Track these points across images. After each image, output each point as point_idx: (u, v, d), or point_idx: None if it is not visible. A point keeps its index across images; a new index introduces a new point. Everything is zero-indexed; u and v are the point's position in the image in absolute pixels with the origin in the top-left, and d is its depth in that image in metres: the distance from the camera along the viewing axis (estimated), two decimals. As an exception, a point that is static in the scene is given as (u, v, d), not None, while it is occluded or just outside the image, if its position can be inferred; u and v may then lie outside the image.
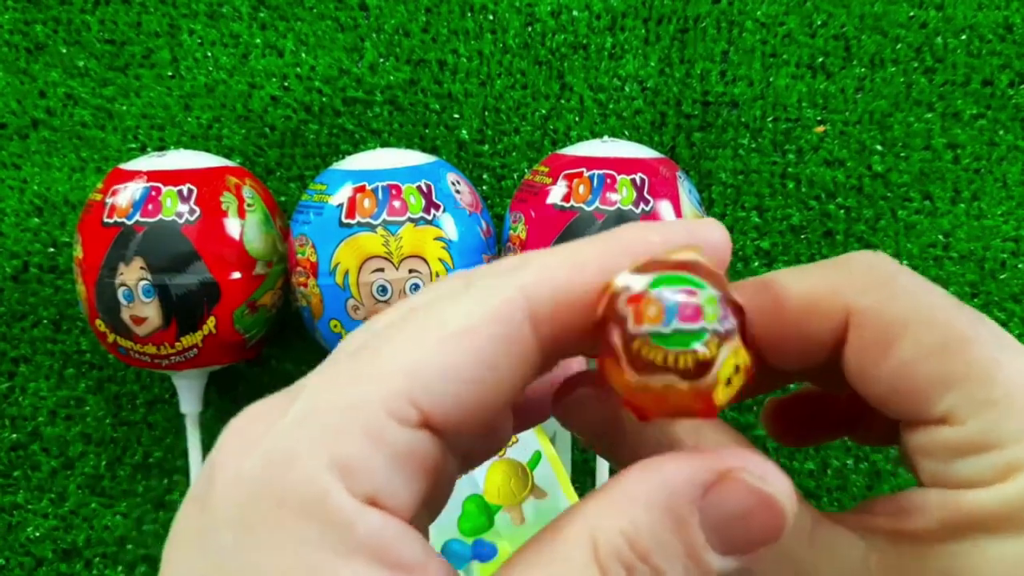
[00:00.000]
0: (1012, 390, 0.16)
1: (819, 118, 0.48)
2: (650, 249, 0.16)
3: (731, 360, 0.14)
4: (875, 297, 0.18)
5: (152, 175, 0.41)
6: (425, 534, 0.17)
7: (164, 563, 0.15)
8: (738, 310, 0.14)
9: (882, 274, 0.19)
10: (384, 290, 0.39)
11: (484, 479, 0.41)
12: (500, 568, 0.15)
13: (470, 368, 0.15)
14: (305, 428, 0.14)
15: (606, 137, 0.45)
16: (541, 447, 0.42)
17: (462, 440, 0.16)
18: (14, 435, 0.48)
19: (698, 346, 0.14)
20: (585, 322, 0.16)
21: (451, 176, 0.42)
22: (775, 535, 0.15)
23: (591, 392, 0.18)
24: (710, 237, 0.17)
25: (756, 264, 0.48)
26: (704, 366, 0.14)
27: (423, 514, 0.16)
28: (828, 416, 0.23)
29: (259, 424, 0.15)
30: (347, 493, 0.14)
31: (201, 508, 0.15)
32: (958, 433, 0.17)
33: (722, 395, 0.14)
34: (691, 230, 0.17)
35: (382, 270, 0.39)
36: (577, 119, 0.49)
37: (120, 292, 0.40)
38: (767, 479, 0.15)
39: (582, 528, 0.15)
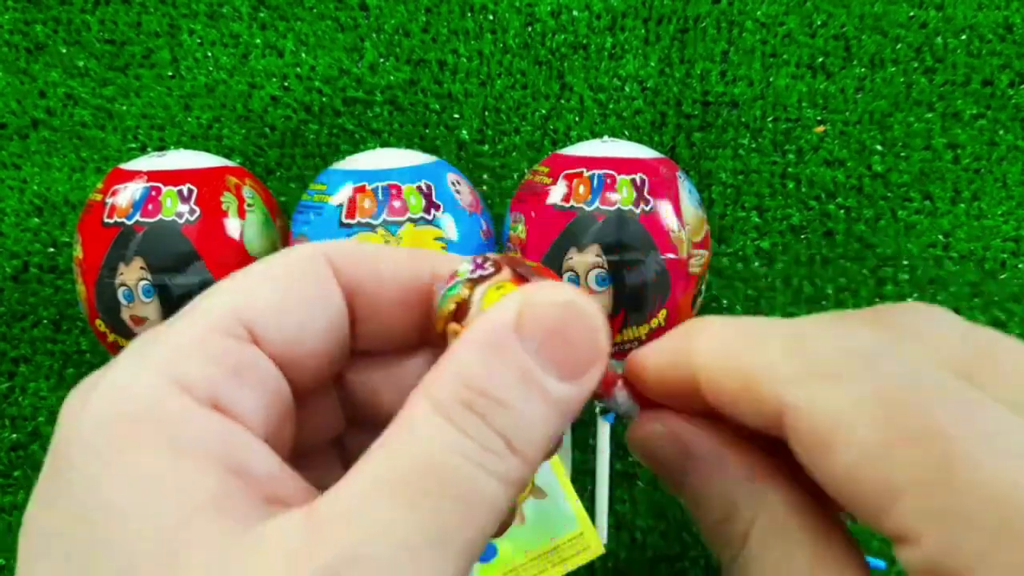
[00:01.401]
0: (980, 496, 0.13)
1: (819, 118, 0.48)
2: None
3: (493, 294, 0.17)
4: (810, 389, 0.15)
5: (152, 175, 0.41)
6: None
7: (25, 529, 0.15)
8: (495, 264, 0.18)
9: (817, 352, 0.15)
10: (384, 290, 0.39)
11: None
12: (359, 459, 0.15)
13: (284, 294, 0.17)
14: (140, 358, 0.15)
15: (606, 137, 0.45)
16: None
17: (300, 375, 0.17)
18: (14, 435, 0.48)
19: (453, 293, 0.18)
20: (387, 287, 0.18)
21: (451, 176, 0.42)
22: (596, 348, 0.16)
23: (661, 430, 0.19)
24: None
25: (756, 264, 0.48)
26: (463, 305, 0.17)
27: (279, 445, 0.17)
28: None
29: (96, 375, 0.16)
30: (184, 397, 0.15)
31: (52, 457, 0.15)
32: (915, 554, 0.13)
33: None
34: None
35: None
36: (577, 119, 0.49)
37: (120, 292, 0.40)
38: (567, 292, 0.16)
39: (419, 395, 0.15)
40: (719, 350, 0.16)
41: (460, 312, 0.17)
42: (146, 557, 0.13)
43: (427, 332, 0.19)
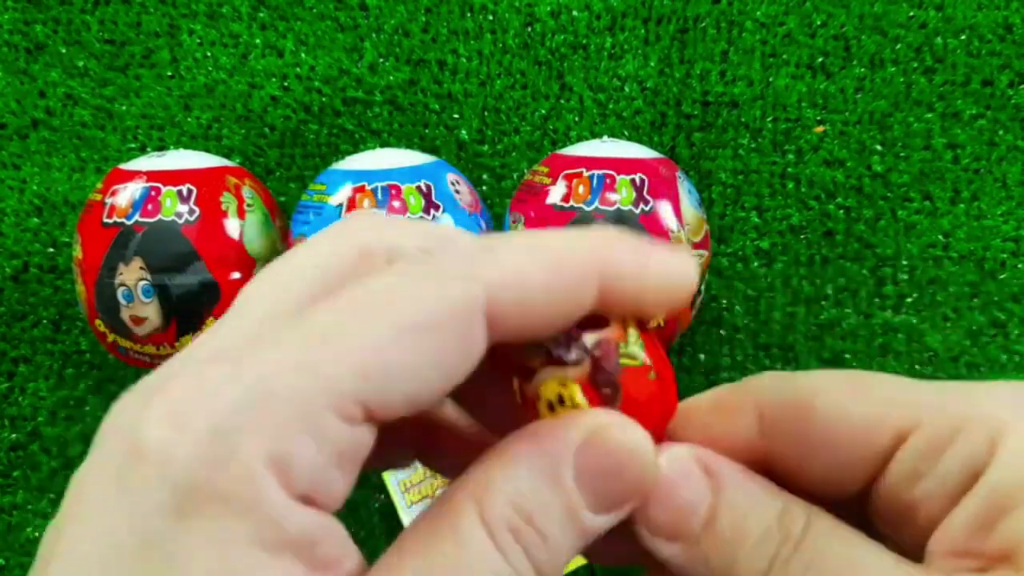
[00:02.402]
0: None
1: (819, 118, 0.48)
2: (620, 267, 0.16)
3: (552, 384, 0.17)
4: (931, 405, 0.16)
5: (152, 175, 0.41)
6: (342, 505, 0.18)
7: (65, 536, 0.14)
8: (584, 351, 0.17)
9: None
10: (384, 290, 0.39)
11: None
12: (394, 543, 0.15)
13: (423, 368, 0.15)
14: (246, 418, 0.14)
15: (606, 137, 0.45)
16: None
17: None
18: (14, 435, 0.48)
19: (530, 354, 0.17)
20: (544, 326, 0.16)
21: (451, 176, 0.42)
22: (642, 490, 0.16)
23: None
24: (672, 277, 0.17)
25: (756, 264, 0.48)
26: (530, 371, 0.17)
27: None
28: None
29: (190, 396, 0.14)
30: (283, 492, 0.14)
31: (121, 482, 0.14)
32: (915, 445, 0.15)
33: (543, 410, 0.17)
34: (660, 262, 0.17)
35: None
36: (577, 119, 0.49)
37: (120, 292, 0.40)
38: (629, 433, 0.16)
39: (468, 499, 0.15)
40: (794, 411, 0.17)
41: (525, 374, 0.17)
42: None
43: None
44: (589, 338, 0.17)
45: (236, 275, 0.41)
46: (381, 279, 0.15)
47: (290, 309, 0.16)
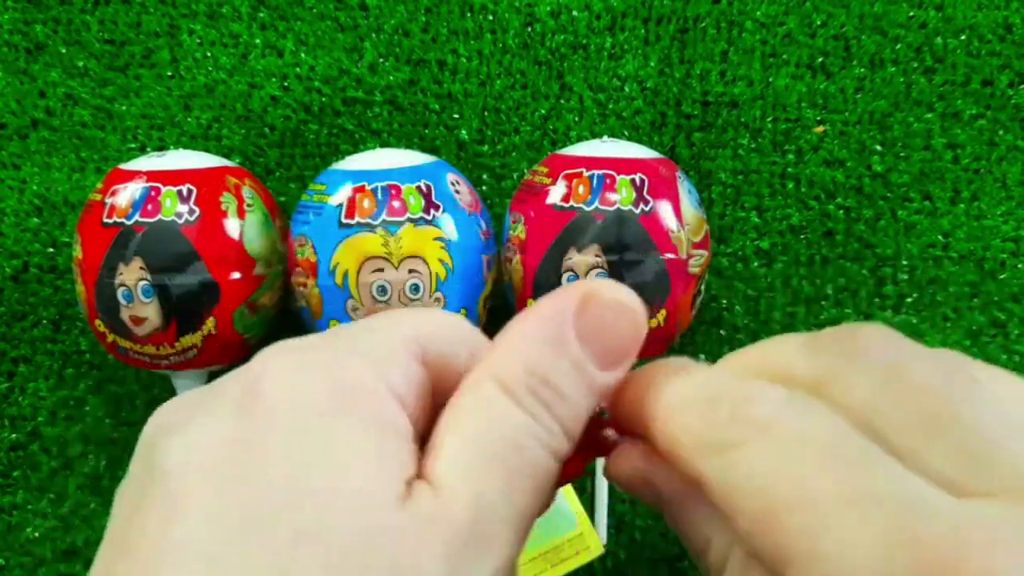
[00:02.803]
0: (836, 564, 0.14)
1: (819, 118, 0.48)
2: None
3: None
4: (713, 461, 0.17)
5: (152, 175, 0.41)
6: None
7: (193, 468, 0.16)
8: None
9: (719, 419, 0.17)
10: (383, 290, 0.39)
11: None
12: (440, 428, 0.17)
13: (446, 333, 0.19)
14: (347, 348, 0.18)
15: (606, 137, 0.45)
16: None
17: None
18: (14, 435, 0.48)
19: None
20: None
21: (451, 176, 0.42)
22: (636, 344, 0.18)
23: (631, 471, 0.21)
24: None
25: (756, 264, 0.48)
26: None
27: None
28: None
29: (302, 345, 0.18)
30: (389, 390, 0.17)
31: (251, 417, 0.16)
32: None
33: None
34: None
35: (381, 270, 0.39)
36: (577, 119, 0.49)
37: (120, 292, 0.40)
38: (618, 291, 0.18)
39: (485, 375, 0.17)
40: (663, 413, 0.18)
41: None
42: (350, 505, 0.15)
43: None
44: None
45: (236, 275, 0.41)
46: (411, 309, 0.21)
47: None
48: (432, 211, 0.40)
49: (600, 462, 0.46)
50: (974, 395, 0.15)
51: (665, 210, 0.40)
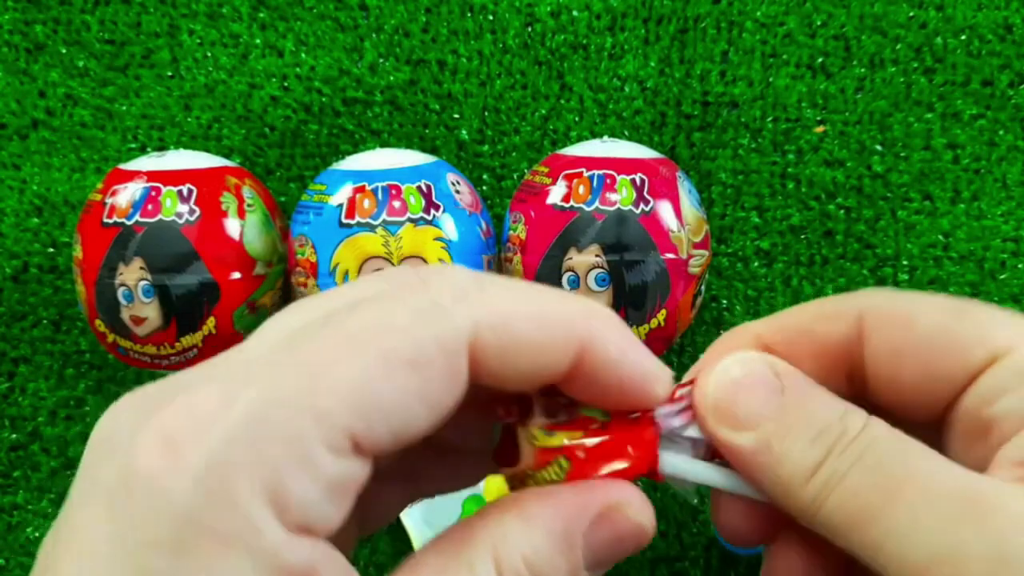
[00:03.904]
0: None
1: (819, 118, 0.48)
2: (604, 344, 0.17)
3: (534, 432, 0.18)
4: (887, 297, 0.18)
5: (152, 175, 0.41)
6: (351, 545, 0.20)
7: (59, 565, 0.14)
8: (567, 421, 0.18)
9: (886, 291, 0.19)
10: (384, 290, 0.39)
11: (484, 480, 0.41)
12: (405, 565, 0.16)
13: (411, 402, 0.15)
14: (241, 451, 0.14)
15: (606, 137, 0.45)
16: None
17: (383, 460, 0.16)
18: (14, 435, 0.48)
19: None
20: (522, 378, 0.16)
21: (451, 176, 0.42)
22: (631, 553, 0.18)
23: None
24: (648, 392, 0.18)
25: (756, 264, 0.48)
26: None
27: (352, 527, 0.18)
28: None
29: (183, 424, 0.14)
30: (281, 527, 0.14)
31: (114, 517, 0.14)
32: (1005, 365, 0.16)
33: (530, 461, 0.18)
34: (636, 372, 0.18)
35: (382, 270, 0.39)
36: (577, 119, 0.49)
37: (120, 292, 0.40)
38: (642, 512, 0.17)
39: (486, 545, 0.16)
40: (778, 315, 0.19)
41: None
42: None
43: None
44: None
45: (236, 275, 0.41)
46: (372, 309, 0.15)
47: (290, 338, 0.16)
48: (432, 211, 0.40)
49: None
50: None
51: (665, 210, 0.40)
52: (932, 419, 0.19)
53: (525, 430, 0.18)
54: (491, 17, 0.49)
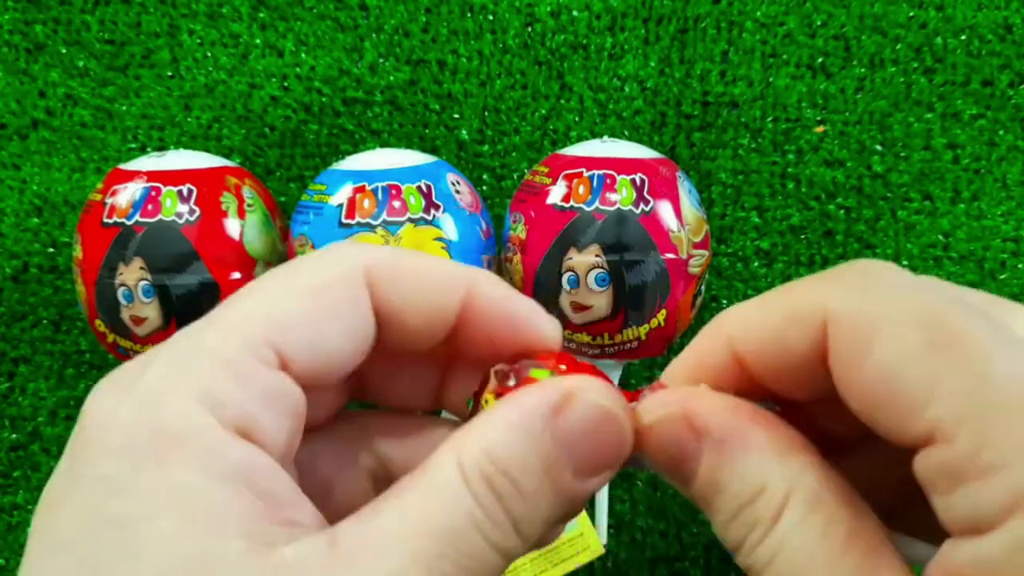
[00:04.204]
0: (1010, 392, 0.13)
1: (819, 118, 0.48)
2: (485, 289, 0.19)
3: (486, 397, 0.19)
4: (854, 299, 0.16)
5: (152, 175, 0.41)
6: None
7: (39, 526, 0.15)
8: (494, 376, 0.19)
9: (868, 276, 0.16)
10: (384, 290, 0.39)
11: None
12: (379, 497, 0.16)
13: (319, 318, 0.17)
14: (173, 370, 0.15)
15: (606, 137, 0.45)
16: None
17: (318, 388, 0.18)
18: (14, 435, 0.48)
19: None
20: (417, 310, 0.18)
21: (451, 176, 0.42)
22: (618, 455, 0.17)
23: (672, 413, 0.19)
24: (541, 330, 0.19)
25: (756, 264, 0.48)
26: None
27: (290, 458, 0.18)
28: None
29: (126, 376, 0.16)
30: (217, 423, 0.15)
31: (74, 459, 0.15)
32: (947, 454, 0.13)
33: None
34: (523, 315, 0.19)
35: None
36: (577, 119, 0.49)
37: (120, 292, 0.40)
38: (607, 397, 0.17)
39: (448, 452, 0.16)
40: (753, 309, 0.18)
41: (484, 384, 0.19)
42: (176, 571, 0.14)
43: (452, 340, 0.20)
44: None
45: (236, 275, 0.41)
46: (282, 265, 0.18)
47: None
48: (432, 211, 0.40)
49: None
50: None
51: (665, 210, 0.40)
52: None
53: (483, 398, 0.19)
54: (491, 17, 0.49)
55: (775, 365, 0.17)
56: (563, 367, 0.19)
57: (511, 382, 0.18)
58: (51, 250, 0.49)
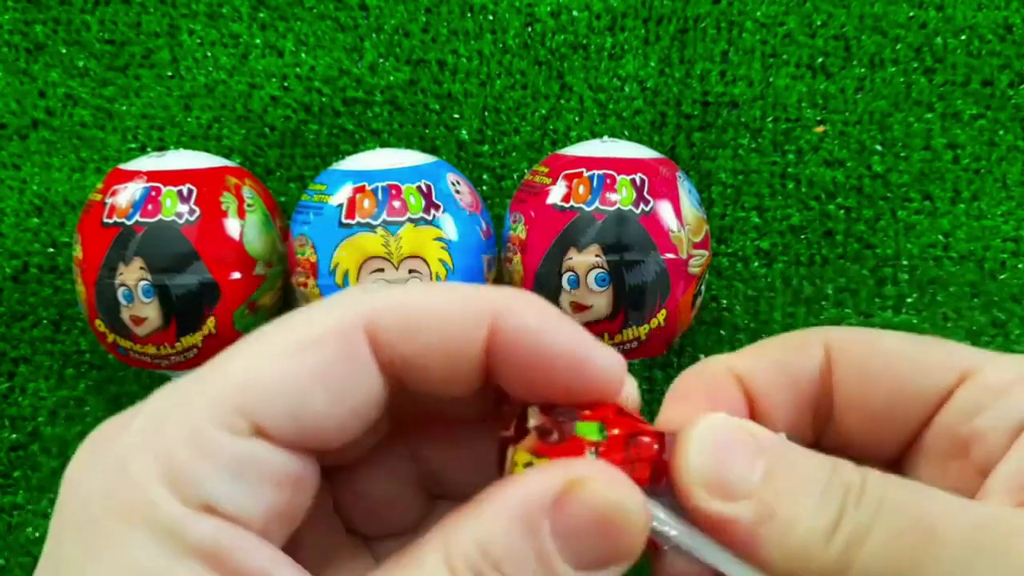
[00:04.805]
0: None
1: (819, 118, 0.48)
2: (519, 318, 0.16)
3: (518, 456, 0.16)
4: (850, 330, 0.19)
5: (152, 175, 0.41)
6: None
7: None
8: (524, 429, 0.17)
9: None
10: (384, 290, 0.39)
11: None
12: None
13: (304, 380, 0.15)
14: (142, 438, 0.15)
15: (606, 137, 0.45)
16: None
17: (327, 451, 0.16)
18: (14, 435, 0.48)
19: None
20: (434, 358, 0.16)
21: (451, 176, 0.42)
22: (627, 553, 0.15)
23: None
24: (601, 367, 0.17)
25: (756, 264, 0.48)
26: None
27: (286, 525, 0.16)
28: None
29: (106, 438, 0.16)
30: (176, 500, 0.14)
31: (50, 535, 0.15)
32: (979, 381, 0.17)
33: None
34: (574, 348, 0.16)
35: (382, 270, 0.39)
36: (577, 119, 0.49)
37: (120, 292, 0.40)
38: (612, 486, 0.15)
39: (438, 539, 0.15)
40: (750, 350, 0.18)
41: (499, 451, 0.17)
42: None
43: (486, 383, 0.17)
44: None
45: (236, 275, 0.41)
46: (276, 320, 0.16)
47: None
48: (432, 211, 0.40)
49: None
50: None
51: (665, 210, 0.40)
52: (896, 450, 0.18)
53: (513, 452, 0.17)
54: (491, 17, 0.49)
55: (778, 386, 0.18)
56: (616, 431, 0.16)
57: (553, 437, 0.16)
58: (51, 250, 0.49)
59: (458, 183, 0.42)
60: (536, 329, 0.16)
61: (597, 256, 0.39)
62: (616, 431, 0.16)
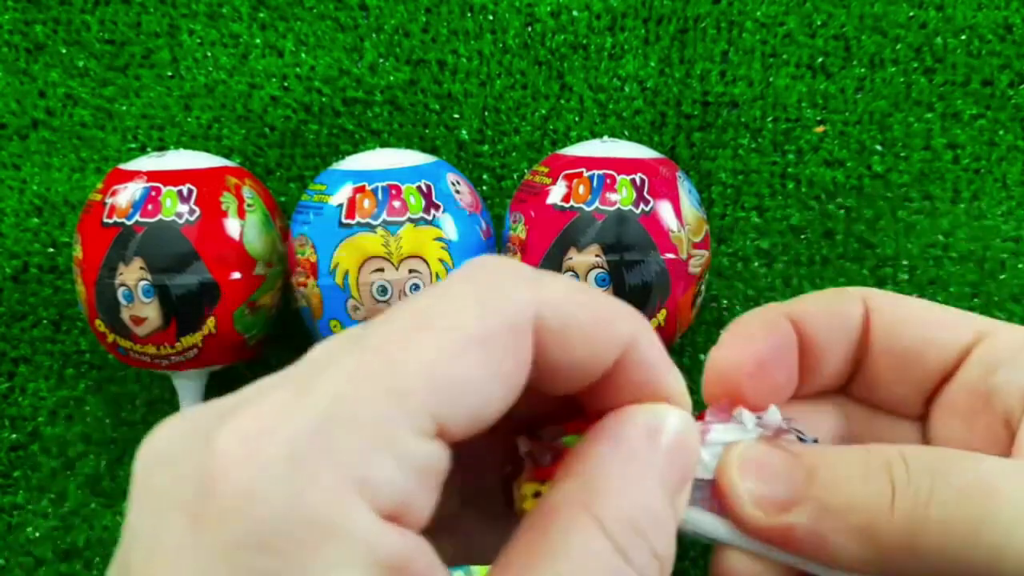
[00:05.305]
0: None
1: (819, 118, 0.48)
2: (644, 351, 0.17)
3: (525, 488, 0.17)
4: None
5: (152, 175, 0.41)
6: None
7: None
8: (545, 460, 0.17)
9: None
10: (384, 290, 0.39)
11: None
12: (495, 567, 0.15)
13: (486, 383, 0.14)
14: (325, 441, 0.13)
15: (606, 137, 0.45)
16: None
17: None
18: (14, 435, 0.48)
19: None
20: (564, 369, 0.16)
21: (451, 176, 0.42)
22: (693, 468, 0.18)
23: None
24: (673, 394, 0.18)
25: (756, 264, 0.48)
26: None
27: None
28: None
29: (262, 423, 0.13)
30: (371, 513, 0.13)
31: (198, 524, 0.13)
32: (995, 342, 0.18)
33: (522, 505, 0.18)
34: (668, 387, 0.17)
35: (382, 270, 0.39)
36: (577, 119, 0.49)
37: (120, 292, 0.40)
38: (687, 422, 0.17)
39: (583, 516, 0.15)
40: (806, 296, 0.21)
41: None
42: None
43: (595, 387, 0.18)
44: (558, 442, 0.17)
45: (236, 275, 0.41)
46: (436, 294, 0.15)
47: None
48: (432, 211, 0.40)
49: None
50: None
51: (665, 210, 0.40)
52: (920, 402, 0.20)
53: (519, 486, 0.17)
54: (491, 17, 0.49)
55: (832, 327, 0.20)
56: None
57: (547, 458, 0.17)
58: (51, 250, 0.49)
59: (458, 183, 0.42)
60: (654, 362, 0.17)
61: (597, 256, 0.39)
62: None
